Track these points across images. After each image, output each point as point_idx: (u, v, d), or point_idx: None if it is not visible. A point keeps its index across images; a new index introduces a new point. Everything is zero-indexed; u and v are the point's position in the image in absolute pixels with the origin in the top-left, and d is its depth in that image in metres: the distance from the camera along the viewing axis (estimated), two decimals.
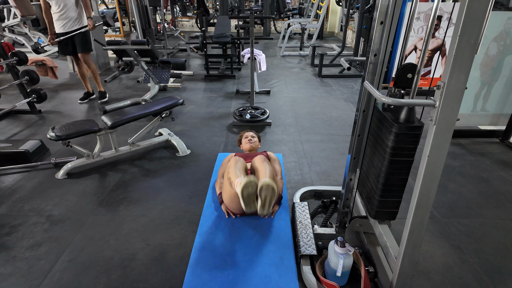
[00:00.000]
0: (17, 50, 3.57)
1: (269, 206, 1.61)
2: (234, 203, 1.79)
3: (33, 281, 1.60)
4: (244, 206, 1.62)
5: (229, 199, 1.81)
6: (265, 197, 1.58)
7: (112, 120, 2.47)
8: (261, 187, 1.57)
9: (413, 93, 1.24)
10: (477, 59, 2.90)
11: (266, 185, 1.57)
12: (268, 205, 1.61)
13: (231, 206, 1.85)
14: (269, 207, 1.62)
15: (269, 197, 1.59)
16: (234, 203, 1.79)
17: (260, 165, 1.79)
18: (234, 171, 1.73)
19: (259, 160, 1.84)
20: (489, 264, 1.73)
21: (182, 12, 9.94)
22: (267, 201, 1.60)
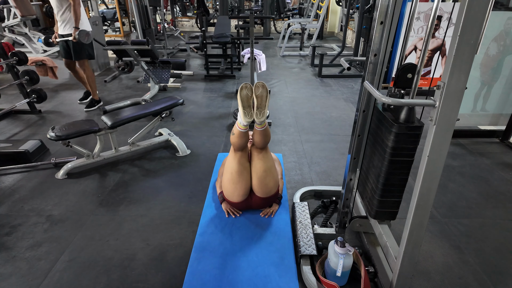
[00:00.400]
0: (17, 50, 3.57)
1: (263, 107, 1.73)
2: (235, 183, 1.81)
3: (33, 281, 1.60)
4: (242, 110, 1.71)
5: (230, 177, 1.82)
6: (260, 96, 1.71)
7: (112, 120, 2.47)
8: (255, 85, 1.71)
9: (413, 93, 1.24)
10: (477, 59, 2.90)
11: (259, 82, 1.72)
12: (264, 106, 1.72)
13: (231, 188, 1.84)
14: (263, 108, 1.73)
15: (263, 95, 1.71)
16: (234, 182, 1.81)
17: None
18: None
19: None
20: (489, 264, 1.73)
21: (182, 12, 9.94)
22: (262, 100, 1.71)
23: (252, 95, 1.73)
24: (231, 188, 1.84)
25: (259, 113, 1.73)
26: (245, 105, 1.73)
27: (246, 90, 1.71)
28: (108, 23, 8.38)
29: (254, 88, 1.72)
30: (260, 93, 1.72)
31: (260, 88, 1.71)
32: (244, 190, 1.83)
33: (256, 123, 1.77)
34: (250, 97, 1.73)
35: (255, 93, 1.72)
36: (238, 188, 1.82)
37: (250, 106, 1.74)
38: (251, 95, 1.73)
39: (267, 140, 1.83)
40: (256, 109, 1.73)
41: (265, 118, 1.76)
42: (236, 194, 1.84)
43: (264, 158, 1.83)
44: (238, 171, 1.80)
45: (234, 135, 1.79)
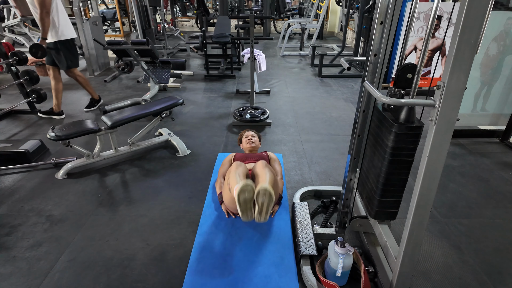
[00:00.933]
0: (17, 50, 3.57)
1: (266, 213, 1.55)
2: (234, 205, 1.79)
3: (33, 281, 1.60)
4: (241, 213, 1.57)
5: (229, 200, 1.82)
6: (262, 203, 1.53)
7: (112, 120, 2.47)
8: (258, 192, 1.52)
9: (413, 93, 1.24)
10: (477, 59, 2.90)
11: (264, 190, 1.51)
12: (265, 212, 1.55)
13: (231, 207, 1.86)
14: (266, 214, 1.56)
15: (266, 204, 1.52)
16: (234, 204, 1.79)
17: (261, 170, 1.74)
18: (234, 177, 1.69)
19: (261, 166, 1.80)
20: (489, 264, 1.73)
21: (182, 12, 9.94)
22: (264, 208, 1.54)
23: (253, 198, 1.53)
24: (232, 207, 1.84)
25: (261, 217, 1.56)
26: (243, 209, 1.54)
27: (247, 194, 1.50)
28: (108, 23, 8.39)
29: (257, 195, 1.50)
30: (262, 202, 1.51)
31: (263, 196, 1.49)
32: None
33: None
34: (250, 201, 1.54)
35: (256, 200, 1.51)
36: None
37: (251, 209, 1.57)
38: (251, 199, 1.53)
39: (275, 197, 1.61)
40: (257, 213, 1.56)
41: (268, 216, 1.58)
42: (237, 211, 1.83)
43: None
44: None
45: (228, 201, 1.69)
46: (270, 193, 1.50)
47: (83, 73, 5.23)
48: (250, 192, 1.51)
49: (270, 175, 1.70)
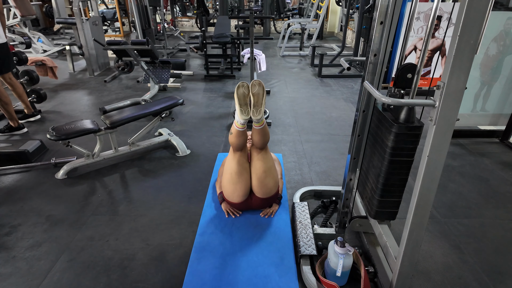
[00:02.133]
0: (17, 50, 3.57)
1: (260, 105, 1.73)
2: (234, 184, 1.81)
3: (33, 281, 1.60)
4: (239, 108, 1.72)
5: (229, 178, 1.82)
6: (257, 94, 1.72)
7: (112, 120, 2.47)
8: (252, 83, 1.72)
9: (413, 93, 1.24)
10: (477, 59, 2.90)
11: (256, 81, 1.73)
12: (260, 103, 1.73)
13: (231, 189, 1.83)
14: (260, 106, 1.73)
15: (259, 93, 1.72)
16: (234, 183, 1.81)
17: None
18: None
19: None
20: (489, 264, 1.73)
21: (182, 12, 9.94)
22: (259, 98, 1.72)
23: (248, 93, 1.74)
24: (231, 189, 1.84)
25: (256, 111, 1.74)
26: (241, 103, 1.74)
27: (243, 88, 1.73)
28: (108, 23, 8.38)
29: (251, 86, 1.73)
30: (256, 91, 1.73)
31: (256, 86, 1.72)
32: (243, 191, 1.83)
33: (253, 122, 1.77)
34: (247, 95, 1.75)
35: (251, 91, 1.73)
36: (237, 188, 1.82)
37: (247, 104, 1.75)
38: (247, 93, 1.74)
39: (266, 139, 1.82)
40: (253, 107, 1.74)
41: (262, 116, 1.77)
42: (236, 194, 1.83)
43: (263, 158, 1.82)
44: (237, 171, 1.80)
45: (232, 135, 1.80)
46: (260, 82, 1.73)
47: (83, 74, 5.27)
48: (246, 88, 1.73)
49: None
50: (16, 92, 3.21)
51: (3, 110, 3.06)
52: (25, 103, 3.33)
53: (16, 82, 3.21)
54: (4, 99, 3.00)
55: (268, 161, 1.84)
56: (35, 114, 3.46)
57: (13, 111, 3.12)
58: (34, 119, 3.45)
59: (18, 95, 3.23)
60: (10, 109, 3.08)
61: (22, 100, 3.30)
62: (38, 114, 3.50)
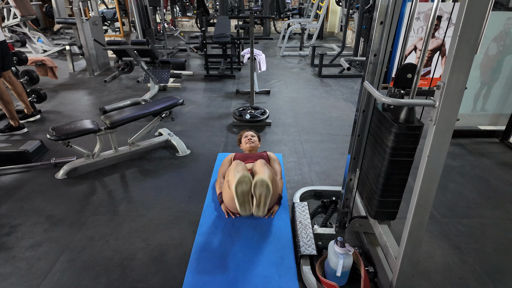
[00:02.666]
0: (17, 50, 3.57)
1: (264, 206, 1.55)
2: (234, 204, 1.79)
3: (33, 281, 1.60)
4: (239, 206, 1.57)
5: (229, 199, 1.81)
6: (259, 195, 1.53)
7: (112, 120, 2.47)
8: (255, 184, 1.53)
9: (413, 93, 1.24)
10: (477, 59, 2.90)
11: (261, 181, 1.52)
12: (263, 205, 1.55)
13: (231, 206, 1.85)
14: (264, 207, 1.56)
15: (263, 196, 1.53)
16: (234, 202, 1.79)
17: (260, 167, 1.76)
18: (233, 174, 1.71)
19: (259, 164, 1.81)
20: (489, 264, 1.73)
21: (182, 12, 9.94)
22: (262, 200, 1.54)
23: (250, 190, 1.53)
24: (232, 207, 1.83)
25: (259, 210, 1.56)
26: (241, 202, 1.55)
27: (244, 185, 1.50)
28: (108, 23, 8.38)
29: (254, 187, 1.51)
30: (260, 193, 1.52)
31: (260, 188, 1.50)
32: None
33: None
34: (248, 193, 1.55)
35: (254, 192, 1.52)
36: None
37: (249, 202, 1.57)
38: (249, 191, 1.53)
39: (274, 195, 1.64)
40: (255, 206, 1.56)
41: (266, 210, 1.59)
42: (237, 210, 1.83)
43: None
44: None
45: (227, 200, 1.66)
46: (267, 184, 1.50)
47: (83, 74, 5.27)
48: (247, 184, 1.51)
49: (268, 171, 1.71)
50: (16, 91, 3.19)
51: (4, 109, 3.05)
52: (25, 102, 3.33)
53: (16, 81, 3.20)
54: (6, 98, 2.99)
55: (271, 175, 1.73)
56: (34, 114, 3.45)
57: (14, 110, 3.12)
58: (34, 119, 3.44)
59: (18, 94, 3.22)
60: (11, 108, 3.07)
61: (22, 100, 3.29)
62: (38, 114, 3.50)
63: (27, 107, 3.36)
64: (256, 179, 1.52)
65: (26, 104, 3.34)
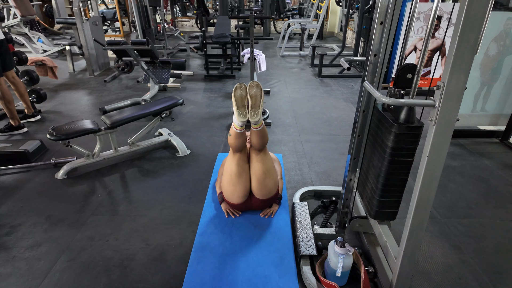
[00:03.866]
0: (17, 50, 3.57)
1: (258, 107, 1.72)
2: (234, 185, 1.80)
3: (33, 281, 1.60)
4: (237, 110, 1.71)
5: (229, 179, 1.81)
6: (253, 95, 1.70)
7: (112, 120, 2.47)
8: (249, 85, 1.71)
9: (413, 93, 1.24)
10: (477, 59, 2.90)
11: (254, 82, 1.71)
12: (258, 105, 1.71)
13: (230, 190, 1.83)
14: (258, 108, 1.72)
15: (257, 95, 1.71)
16: (233, 185, 1.80)
17: None
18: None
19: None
20: (489, 264, 1.73)
21: (182, 12, 9.94)
22: (257, 100, 1.71)
23: (246, 94, 1.73)
24: (230, 190, 1.83)
25: (254, 113, 1.73)
26: (239, 105, 1.73)
27: (241, 90, 1.72)
28: (108, 23, 8.38)
29: (248, 87, 1.72)
30: (254, 93, 1.71)
31: (254, 87, 1.71)
32: (243, 192, 1.83)
33: (251, 124, 1.76)
34: (244, 97, 1.74)
35: (249, 93, 1.72)
36: (237, 190, 1.81)
37: (244, 106, 1.74)
38: (245, 95, 1.73)
39: (265, 141, 1.81)
40: (251, 109, 1.73)
41: (260, 118, 1.75)
42: (236, 196, 1.83)
43: (262, 160, 1.82)
44: (237, 173, 1.79)
45: (231, 136, 1.79)
46: (258, 83, 1.71)
47: (83, 74, 5.27)
48: (243, 90, 1.72)
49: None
50: (18, 91, 3.20)
51: (5, 108, 3.05)
52: (26, 103, 3.33)
53: (20, 81, 3.21)
54: (7, 97, 3.00)
55: (267, 162, 1.83)
56: (35, 115, 3.45)
57: (15, 110, 3.12)
58: (34, 119, 3.44)
59: (20, 94, 3.22)
60: (12, 107, 3.07)
61: (24, 100, 3.29)
62: (38, 115, 3.50)
63: (28, 107, 3.36)
64: (250, 83, 1.71)
65: (27, 104, 3.34)
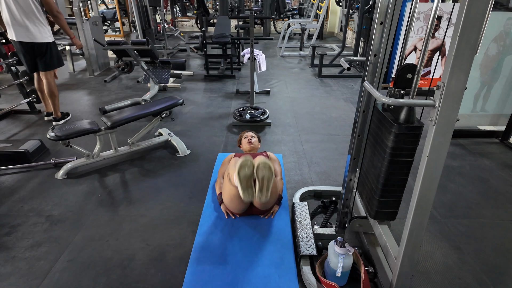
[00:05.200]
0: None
1: (267, 189, 1.55)
2: (234, 203, 1.79)
3: (32, 281, 1.60)
4: (242, 191, 1.55)
5: (229, 198, 1.81)
6: (262, 178, 1.53)
7: (112, 120, 2.47)
8: (257, 166, 1.54)
9: (413, 93, 1.24)
10: (477, 60, 2.90)
11: (263, 163, 1.53)
12: (266, 188, 1.55)
13: (231, 206, 1.85)
14: (267, 191, 1.56)
15: (266, 178, 1.53)
16: (233, 203, 1.79)
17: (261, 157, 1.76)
18: (233, 167, 1.71)
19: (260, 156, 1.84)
20: (489, 264, 1.73)
21: (182, 12, 9.94)
22: (265, 183, 1.55)
23: (253, 174, 1.55)
24: (231, 207, 1.83)
25: (262, 195, 1.56)
26: (244, 186, 1.55)
27: (247, 169, 1.52)
28: (108, 23, 8.38)
29: (256, 169, 1.53)
30: (262, 175, 1.53)
31: (263, 170, 1.51)
32: (244, 207, 1.81)
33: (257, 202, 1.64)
34: (251, 177, 1.55)
35: (257, 175, 1.53)
36: (238, 207, 1.80)
37: (251, 186, 1.58)
38: (252, 175, 1.55)
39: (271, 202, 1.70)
40: (259, 191, 1.56)
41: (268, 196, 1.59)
42: (236, 210, 1.84)
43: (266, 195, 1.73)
44: (237, 196, 1.71)
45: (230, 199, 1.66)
46: (269, 166, 1.51)
47: (83, 74, 5.27)
48: (249, 168, 1.53)
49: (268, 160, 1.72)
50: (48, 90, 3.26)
51: (51, 102, 3.32)
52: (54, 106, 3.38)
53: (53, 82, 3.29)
54: (55, 92, 3.28)
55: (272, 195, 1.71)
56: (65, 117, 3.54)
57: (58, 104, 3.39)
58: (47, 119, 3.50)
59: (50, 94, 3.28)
60: (57, 102, 3.35)
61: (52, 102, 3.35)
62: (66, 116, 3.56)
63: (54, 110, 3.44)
64: (258, 162, 1.53)
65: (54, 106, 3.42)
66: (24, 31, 2.96)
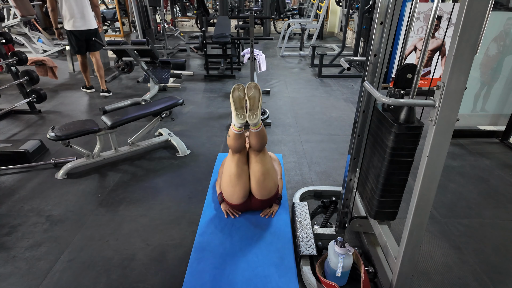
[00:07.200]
0: (17, 50, 3.57)
1: (256, 109, 1.71)
2: (233, 185, 1.80)
3: (32, 281, 1.60)
4: (235, 112, 1.70)
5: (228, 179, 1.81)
6: (253, 97, 1.70)
7: (112, 120, 2.47)
8: (247, 86, 1.70)
9: (413, 93, 1.24)
10: (477, 60, 2.90)
11: (252, 84, 1.71)
12: (256, 107, 1.70)
13: (230, 191, 1.83)
14: (256, 110, 1.71)
15: (254, 96, 1.70)
16: (233, 184, 1.79)
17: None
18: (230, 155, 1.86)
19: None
20: (489, 264, 1.73)
21: (182, 12, 9.94)
22: (255, 103, 1.70)
23: (244, 96, 1.72)
24: (230, 191, 1.83)
25: (252, 115, 1.71)
26: (237, 107, 1.72)
27: (239, 91, 1.71)
28: (108, 23, 8.38)
29: (246, 89, 1.71)
30: (252, 94, 1.70)
31: (252, 89, 1.70)
32: (243, 193, 1.82)
33: (250, 125, 1.75)
34: (242, 99, 1.72)
35: (247, 94, 1.70)
36: (237, 190, 1.81)
37: (243, 107, 1.73)
38: (243, 96, 1.72)
39: (264, 142, 1.80)
40: (249, 110, 1.71)
41: (259, 120, 1.74)
42: (235, 196, 1.83)
43: (262, 160, 1.81)
44: (236, 174, 1.78)
45: (229, 137, 1.78)
46: (256, 85, 1.70)
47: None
48: (241, 91, 1.71)
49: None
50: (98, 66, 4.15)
51: (99, 75, 4.19)
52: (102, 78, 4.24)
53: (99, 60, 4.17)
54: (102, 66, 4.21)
55: (267, 163, 1.82)
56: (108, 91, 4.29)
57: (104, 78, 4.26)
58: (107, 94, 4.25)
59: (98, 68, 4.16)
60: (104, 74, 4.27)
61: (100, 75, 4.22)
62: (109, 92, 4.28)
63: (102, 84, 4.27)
64: (248, 84, 1.70)
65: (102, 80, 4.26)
66: (83, 21, 3.81)
